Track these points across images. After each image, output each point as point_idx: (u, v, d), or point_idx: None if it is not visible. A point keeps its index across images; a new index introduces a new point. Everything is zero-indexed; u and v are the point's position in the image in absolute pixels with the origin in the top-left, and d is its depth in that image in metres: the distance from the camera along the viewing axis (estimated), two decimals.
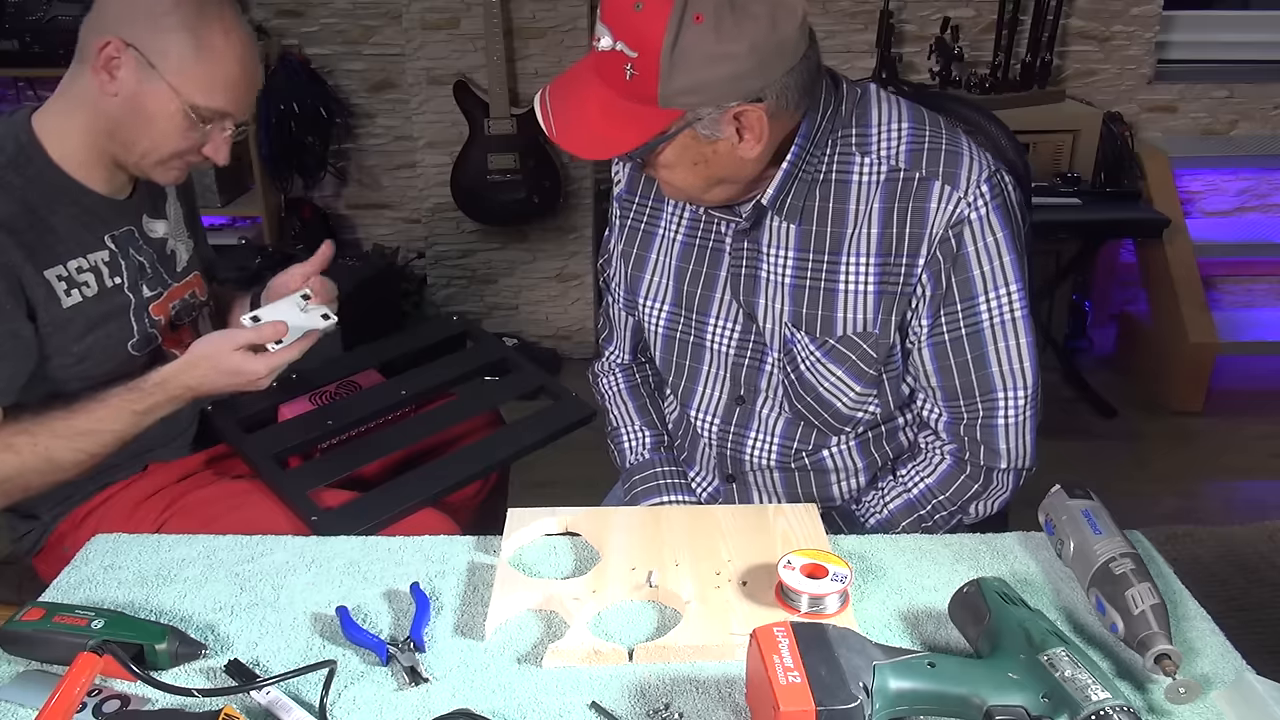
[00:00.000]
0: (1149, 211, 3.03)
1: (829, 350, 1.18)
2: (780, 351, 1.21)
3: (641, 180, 1.28)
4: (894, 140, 1.13)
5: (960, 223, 1.10)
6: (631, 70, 0.99)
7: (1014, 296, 1.13)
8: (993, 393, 1.17)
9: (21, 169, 1.25)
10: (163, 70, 1.22)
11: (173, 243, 1.43)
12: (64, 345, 1.27)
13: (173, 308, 1.41)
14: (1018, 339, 1.15)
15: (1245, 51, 3.42)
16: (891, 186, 1.12)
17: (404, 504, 1.30)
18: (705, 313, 1.25)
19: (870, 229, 1.13)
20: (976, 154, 1.12)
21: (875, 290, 1.14)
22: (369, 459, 1.42)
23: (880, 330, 1.15)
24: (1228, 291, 3.55)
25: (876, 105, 1.15)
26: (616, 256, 1.35)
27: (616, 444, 1.43)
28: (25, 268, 1.22)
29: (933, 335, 1.15)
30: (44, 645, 0.91)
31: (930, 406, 1.22)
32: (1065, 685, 0.81)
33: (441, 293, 3.35)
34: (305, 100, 3.12)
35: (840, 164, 1.14)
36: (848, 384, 1.19)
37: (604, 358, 1.47)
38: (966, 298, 1.13)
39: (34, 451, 1.23)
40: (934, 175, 1.10)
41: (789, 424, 1.26)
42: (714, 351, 1.26)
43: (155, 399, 1.28)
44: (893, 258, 1.13)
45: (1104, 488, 1.11)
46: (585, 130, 1.05)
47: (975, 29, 3.22)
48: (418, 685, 0.90)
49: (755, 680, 0.83)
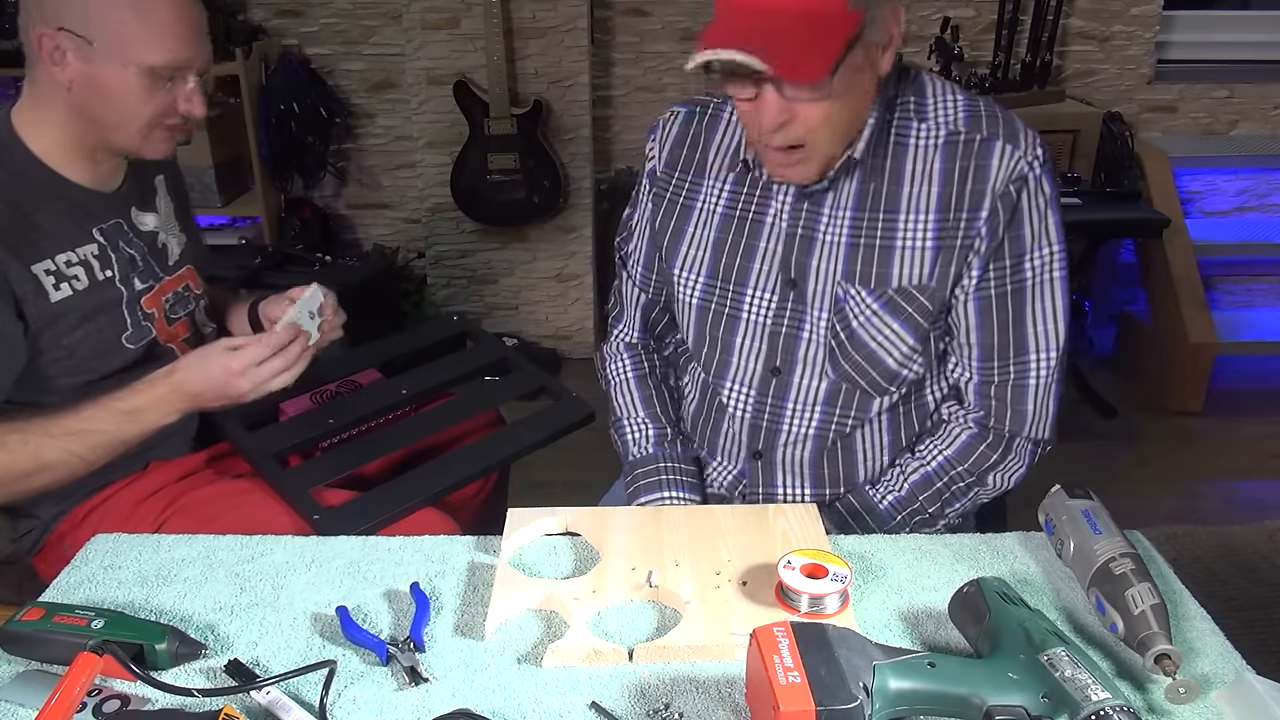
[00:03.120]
0: (1149, 211, 3.03)
1: (887, 301, 1.19)
2: (830, 312, 1.21)
3: (683, 155, 1.30)
4: (950, 108, 1.17)
5: (1020, 178, 1.14)
6: None
7: (1056, 256, 1.17)
8: (1025, 354, 1.20)
9: (3, 165, 1.25)
10: (102, 43, 1.21)
11: (164, 236, 1.43)
12: (55, 340, 1.27)
13: (166, 301, 1.41)
14: (1054, 299, 1.19)
15: (1245, 51, 3.42)
16: (952, 148, 1.16)
17: (404, 504, 1.30)
18: (743, 284, 1.26)
19: (930, 188, 1.16)
20: (1024, 126, 1.17)
21: (933, 245, 1.17)
22: (369, 458, 1.42)
23: (937, 283, 1.18)
24: (1228, 291, 3.55)
25: (930, 82, 1.20)
26: (641, 234, 1.36)
27: (619, 434, 1.42)
28: (11, 264, 1.21)
29: (980, 288, 1.18)
30: (44, 645, 0.91)
31: (962, 369, 1.24)
32: (1065, 685, 0.81)
33: (441, 293, 3.35)
34: (305, 100, 3.12)
35: (899, 128, 1.18)
36: (901, 336, 1.21)
37: (612, 338, 1.47)
38: (1015, 254, 1.16)
39: (24, 450, 1.22)
40: (995, 135, 1.15)
41: (830, 391, 1.26)
42: (750, 323, 1.27)
43: (141, 397, 1.27)
44: (952, 213, 1.16)
45: (1104, 488, 1.11)
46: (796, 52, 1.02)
47: (975, 29, 3.22)
48: (418, 685, 0.90)
49: (755, 680, 0.83)
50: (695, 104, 1.31)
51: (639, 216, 1.37)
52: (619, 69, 3.28)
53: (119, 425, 1.26)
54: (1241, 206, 3.47)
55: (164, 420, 1.29)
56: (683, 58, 3.21)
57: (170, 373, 1.28)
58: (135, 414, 1.27)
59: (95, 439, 1.25)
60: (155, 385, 1.28)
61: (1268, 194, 3.45)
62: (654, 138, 1.33)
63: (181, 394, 1.28)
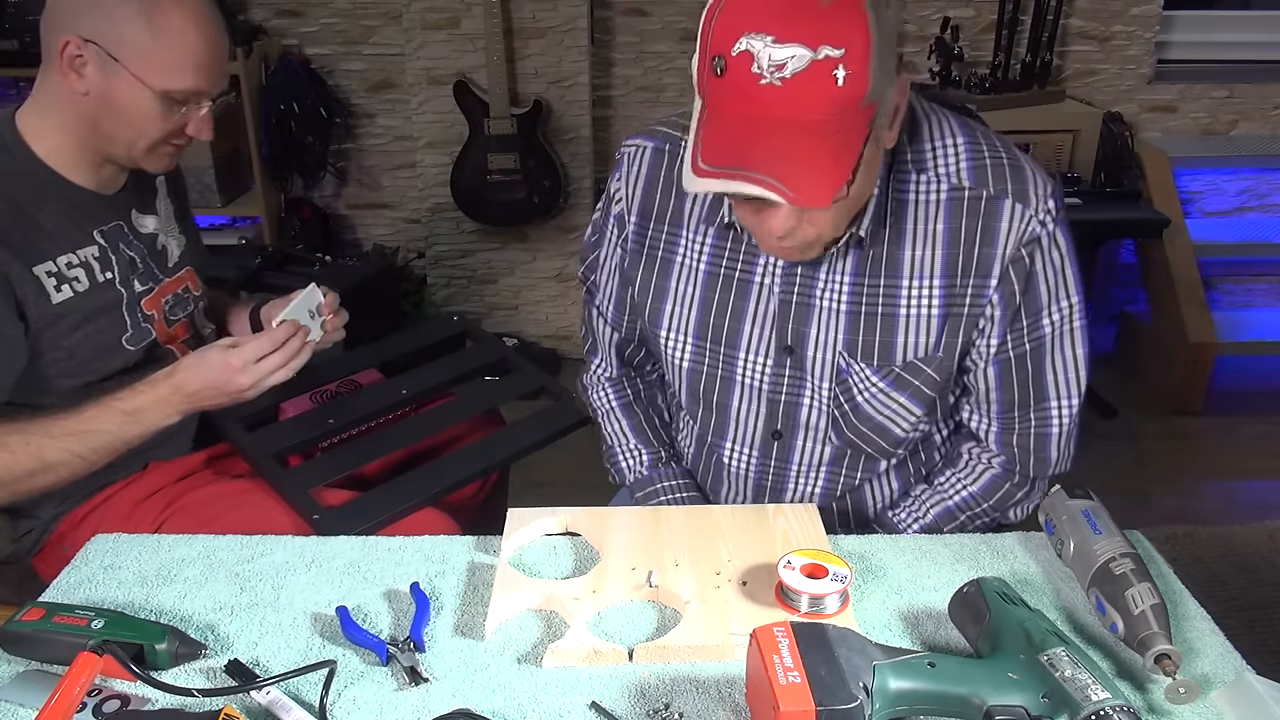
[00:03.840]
0: (1149, 211, 3.03)
1: (894, 379, 1.13)
2: (832, 382, 1.15)
3: (656, 202, 1.20)
4: (951, 157, 1.08)
5: (1033, 240, 1.07)
6: (844, 71, 0.87)
7: (1075, 308, 1.12)
8: (1046, 402, 1.16)
9: (5, 166, 1.25)
10: (125, 61, 1.20)
11: (163, 238, 1.43)
12: (55, 341, 1.27)
13: (165, 303, 1.41)
14: (1075, 349, 1.14)
15: (1245, 51, 3.42)
16: (956, 205, 1.07)
17: (404, 504, 1.30)
18: (735, 346, 1.19)
19: (934, 251, 1.08)
20: (1036, 167, 1.09)
21: (940, 313, 1.10)
22: (369, 458, 1.42)
23: (944, 353, 1.12)
24: (1228, 291, 3.55)
25: (925, 120, 1.10)
26: (610, 275, 1.30)
27: (613, 463, 1.38)
28: (13, 265, 1.21)
29: (999, 354, 1.13)
30: (44, 645, 0.91)
31: (979, 419, 1.20)
32: (1065, 685, 0.81)
33: (441, 293, 3.35)
34: (305, 100, 3.12)
35: (896, 182, 1.08)
36: (909, 409, 1.16)
37: (591, 371, 1.42)
38: (1032, 313, 1.11)
39: (27, 450, 1.22)
40: (1003, 193, 1.06)
41: (835, 455, 1.22)
42: (745, 386, 1.20)
43: (142, 397, 1.27)
44: (959, 279, 1.09)
45: (1104, 488, 1.11)
46: (816, 175, 0.90)
47: (975, 29, 3.22)
48: (418, 685, 0.90)
49: (755, 680, 0.83)
50: (661, 138, 1.20)
51: (606, 254, 1.29)
52: (619, 69, 3.28)
53: (120, 425, 1.26)
54: (1241, 206, 3.47)
55: (165, 421, 1.29)
56: (683, 58, 3.23)
57: (171, 373, 1.28)
58: (136, 414, 1.27)
59: (97, 439, 1.25)
60: (156, 386, 1.28)
61: (1268, 194, 3.45)
62: (619, 176, 1.22)
63: (182, 394, 1.28)
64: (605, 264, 1.30)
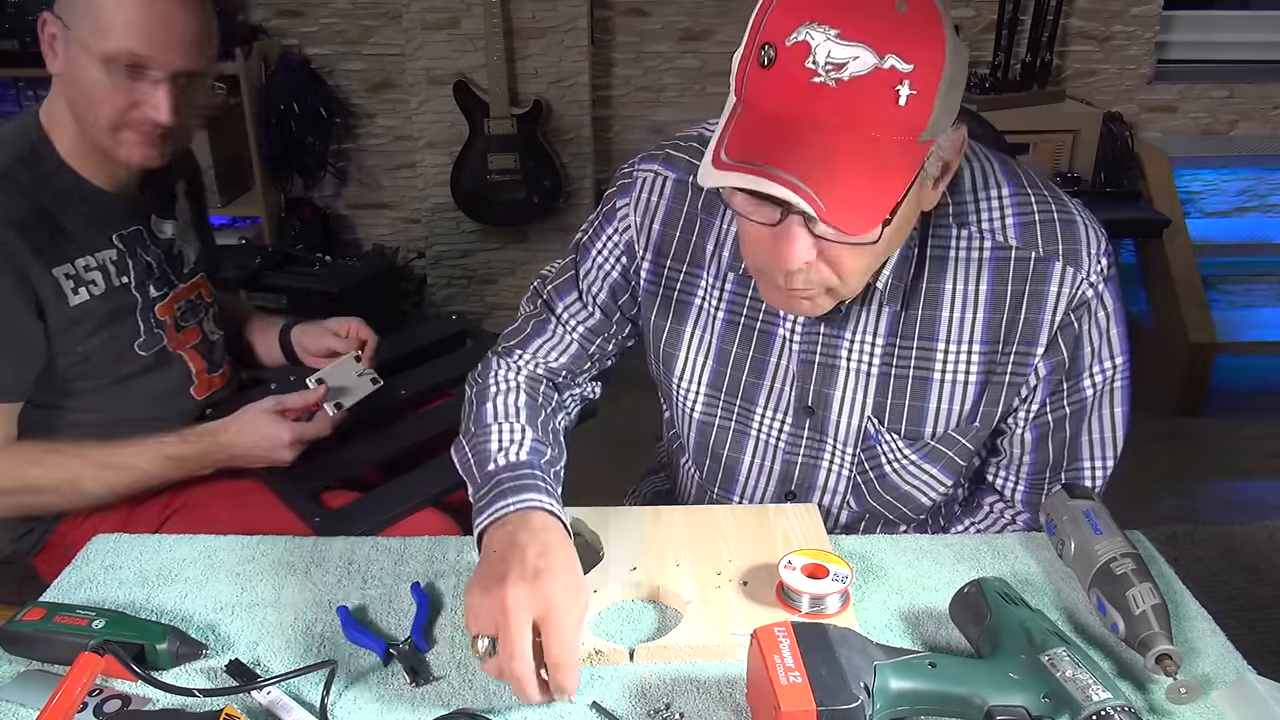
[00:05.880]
0: (1149, 211, 3.04)
1: (927, 451, 1.08)
2: (856, 447, 1.09)
3: (676, 239, 1.09)
4: (995, 211, 0.99)
5: (1083, 304, 1.00)
6: (909, 90, 0.78)
7: (1119, 369, 1.06)
8: (1079, 461, 1.10)
9: (32, 167, 1.25)
10: (74, 28, 1.18)
11: (180, 243, 1.43)
12: (70, 345, 1.27)
13: (177, 308, 1.41)
14: (1114, 409, 1.08)
15: (1245, 51, 3.42)
16: (1002, 266, 0.99)
17: (404, 504, 1.30)
18: (751, 400, 1.11)
19: (975, 314, 1.01)
20: (1088, 219, 1.01)
21: (979, 380, 1.03)
22: (369, 459, 1.42)
23: (981, 423, 1.05)
24: (1227, 291, 3.54)
25: (967, 165, 1.00)
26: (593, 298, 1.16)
27: (475, 442, 1.06)
28: (34, 266, 1.22)
29: (1037, 418, 1.07)
30: (45, 645, 0.91)
31: (1005, 479, 1.14)
32: (1066, 685, 0.81)
33: (441, 293, 3.35)
34: (305, 100, 3.13)
35: (936, 237, 1.00)
36: (939, 480, 1.10)
37: (506, 353, 1.18)
38: (1074, 374, 1.05)
39: (61, 472, 1.24)
40: (1054, 254, 0.99)
41: (851, 518, 1.16)
42: (760, 442, 1.14)
43: (188, 446, 1.30)
44: (1001, 346, 1.02)
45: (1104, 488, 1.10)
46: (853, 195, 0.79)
47: (975, 29, 3.22)
48: (418, 685, 0.90)
49: (756, 680, 0.83)
50: (683, 169, 1.08)
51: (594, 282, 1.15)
52: (619, 69, 3.28)
53: (160, 468, 1.29)
54: (1241, 206, 3.47)
55: (201, 471, 1.32)
56: (683, 58, 3.24)
57: (221, 430, 1.31)
58: (178, 461, 1.30)
59: (133, 475, 1.28)
60: (203, 438, 1.31)
61: (1268, 194, 3.46)
62: (629, 200, 1.10)
63: (226, 453, 1.31)
64: (590, 285, 1.16)
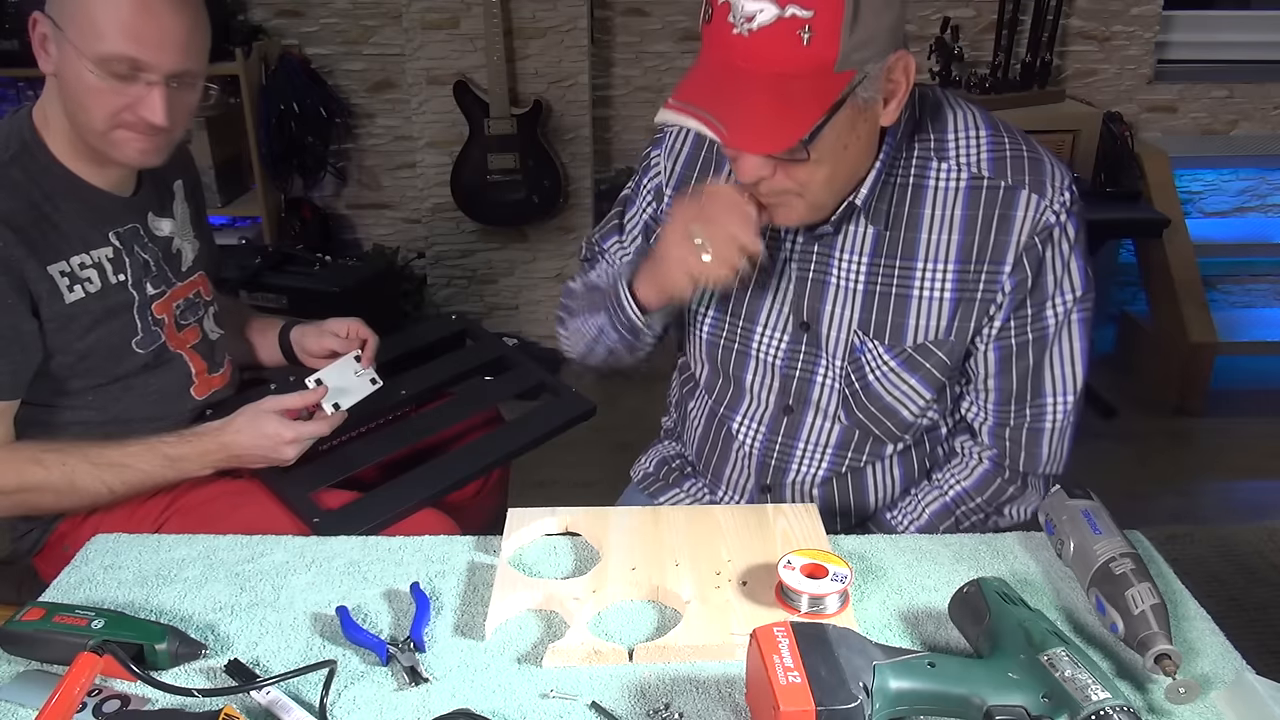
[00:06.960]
0: (1149, 211, 3.04)
1: (905, 359, 1.16)
2: (844, 360, 1.18)
3: (693, 179, 1.24)
4: (973, 147, 1.12)
5: (1046, 230, 1.09)
6: (809, 32, 0.92)
7: (1079, 301, 1.14)
8: (1042, 398, 1.17)
9: (25, 165, 1.25)
10: (66, 31, 1.17)
11: (179, 242, 1.43)
12: (67, 343, 1.27)
13: (176, 307, 1.40)
14: (1074, 344, 1.15)
15: (1245, 51, 3.42)
16: (975, 194, 1.10)
17: (404, 504, 1.30)
18: (753, 320, 1.22)
19: (950, 236, 1.11)
20: (1054, 161, 1.11)
21: (952, 297, 1.13)
22: (369, 459, 1.42)
23: (955, 338, 1.15)
24: (1227, 291, 3.55)
25: (951, 111, 1.14)
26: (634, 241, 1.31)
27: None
28: (28, 263, 1.21)
29: (1000, 338, 1.15)
30: (44, 645, 0.91)
31: (976, 410, 1.22)
32: (1065, 685, 0.81)
33: (441, 293, 3.35)
34: (305, 100, 3.12)
35: (918, 168, 1.12)
36: (919, 391, 1.18)
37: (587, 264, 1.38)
38: (1037, 301, 1.13)
39: (61, 470, 1.24)
40: (1020, 183, 1.09)
41: (843, 435, 1.24)
42: (760, 360, 1.24)
43: (187, 446, 1.29)
44: (973, 265, 1.11)
45: (1104, 488, 1.11)
46: (757, 122, 0.95)
47: (975, 29, 3.22)
48: (418, 685, 0.90)
49: (755, 680, 0.83)
50: None
51: (634, 222, 1.31)
52: (619, 69, 3.28)
53: (159, 468, 1.28)
54: (1241, 206, 3.47)
55: (201, 471, 1.31)
56: (683, 58, 3.24)
57: (221, 430, 1.29)
58: (178, 461, 1.29)
59: (132, 475, 1.27)
60: (204, 439, 1.30)
61: (1268, 194, 3.46)
62: (660, 151, 1.27)
63: (227, 452, 1.30)
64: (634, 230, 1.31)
